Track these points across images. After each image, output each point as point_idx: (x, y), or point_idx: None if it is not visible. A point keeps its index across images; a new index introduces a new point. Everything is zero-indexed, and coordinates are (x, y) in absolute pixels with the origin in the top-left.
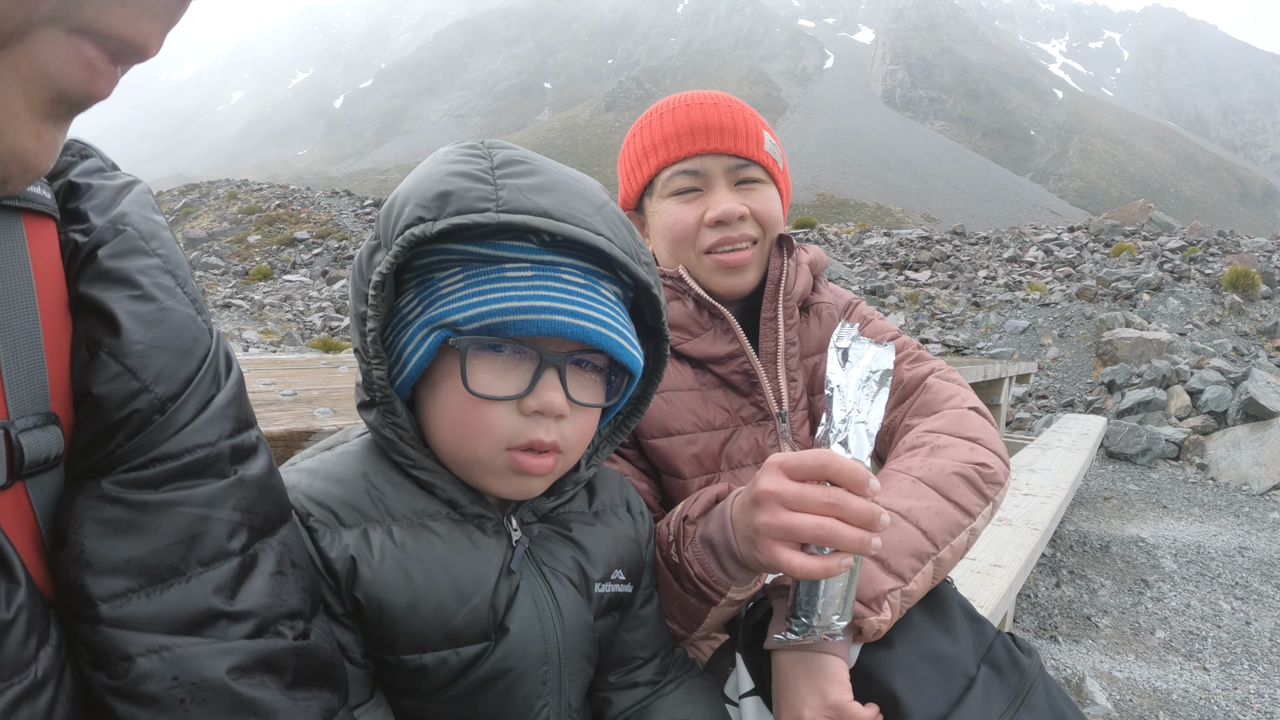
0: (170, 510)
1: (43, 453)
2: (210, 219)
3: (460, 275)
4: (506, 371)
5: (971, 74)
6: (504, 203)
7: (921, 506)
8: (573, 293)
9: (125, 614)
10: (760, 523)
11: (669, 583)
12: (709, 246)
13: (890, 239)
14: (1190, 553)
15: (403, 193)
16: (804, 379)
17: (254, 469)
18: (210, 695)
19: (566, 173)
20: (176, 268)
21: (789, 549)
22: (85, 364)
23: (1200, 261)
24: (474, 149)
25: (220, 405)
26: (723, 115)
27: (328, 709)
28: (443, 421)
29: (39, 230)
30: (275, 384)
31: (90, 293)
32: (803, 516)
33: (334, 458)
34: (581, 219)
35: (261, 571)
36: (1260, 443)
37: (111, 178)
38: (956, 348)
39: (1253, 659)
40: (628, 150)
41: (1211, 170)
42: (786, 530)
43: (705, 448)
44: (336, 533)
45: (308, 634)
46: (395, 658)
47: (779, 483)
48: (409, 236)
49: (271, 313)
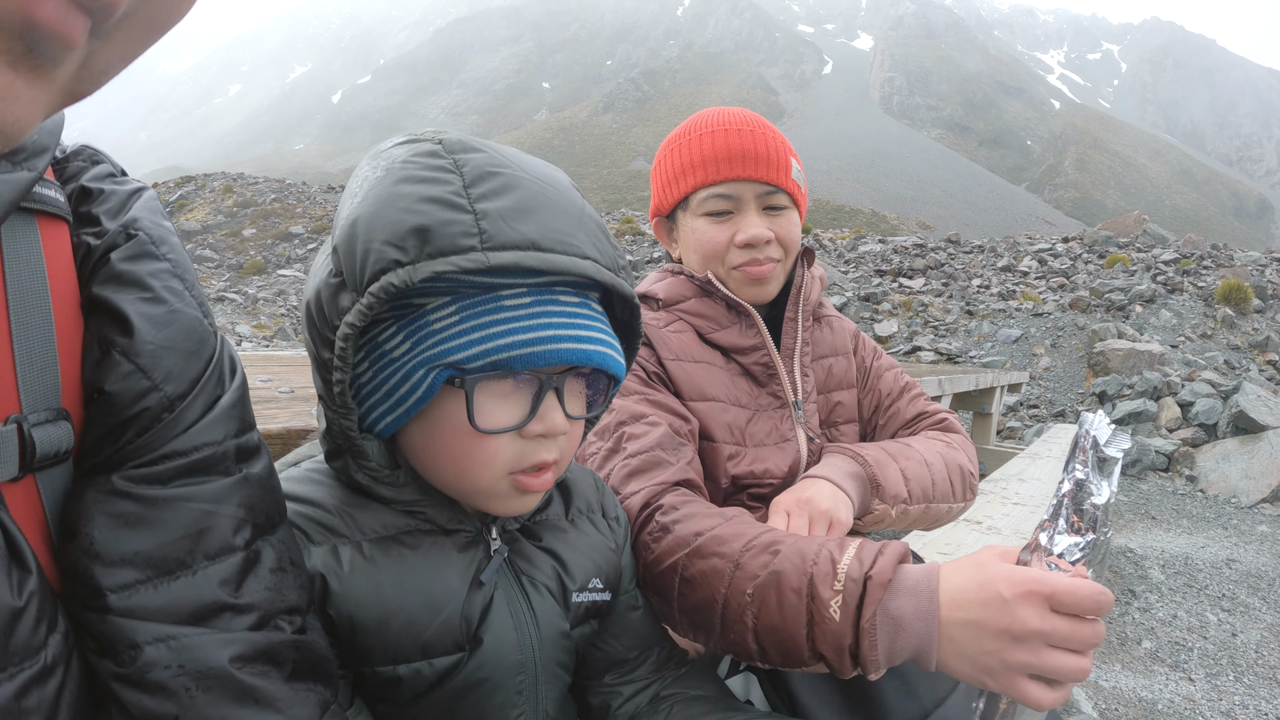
0: (178, 505)
1: (54, 447)
2: (205, 212)
3: (453, 308)
4: (507, 399)
5: (969, 83)
6: (489, 238)
7: (938, 467)
8: (571, 315)
9: (133, 604)
10: (1018, 660)
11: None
12: (737, 265)
13: (885, 246)
14: (1178, 564)
15: (364, 221)
16: (815, 377)
17: (257, 468)
18: (214, 683)
19: (539, 175)
20: (185, 272)
21: (1036, 685)
22: (97, 362)
23: (1193, 274)
24: (434, 156)
25: (226, 406)
26: (758, 144)
27: (323, 701)
28: (440, 457)
29: (52, 232)
30: (272, 381)
31: (103, 294)
32: (1068, 658)
33: (300, 475)
34: (569, 243)
35: (264, 567)
36: (1250, 456)
37: (122, 183)
38: (949, 356)
39: (1238, 670)
40: (665, 163)
41: (1207, 184)
42: (1051, 672)
43: (735, 420)
44: (306, 550)
45: (305, 629)
46: (370, 669)
47: (1047, 621)
48: (387, 287)
49: (265, 307)
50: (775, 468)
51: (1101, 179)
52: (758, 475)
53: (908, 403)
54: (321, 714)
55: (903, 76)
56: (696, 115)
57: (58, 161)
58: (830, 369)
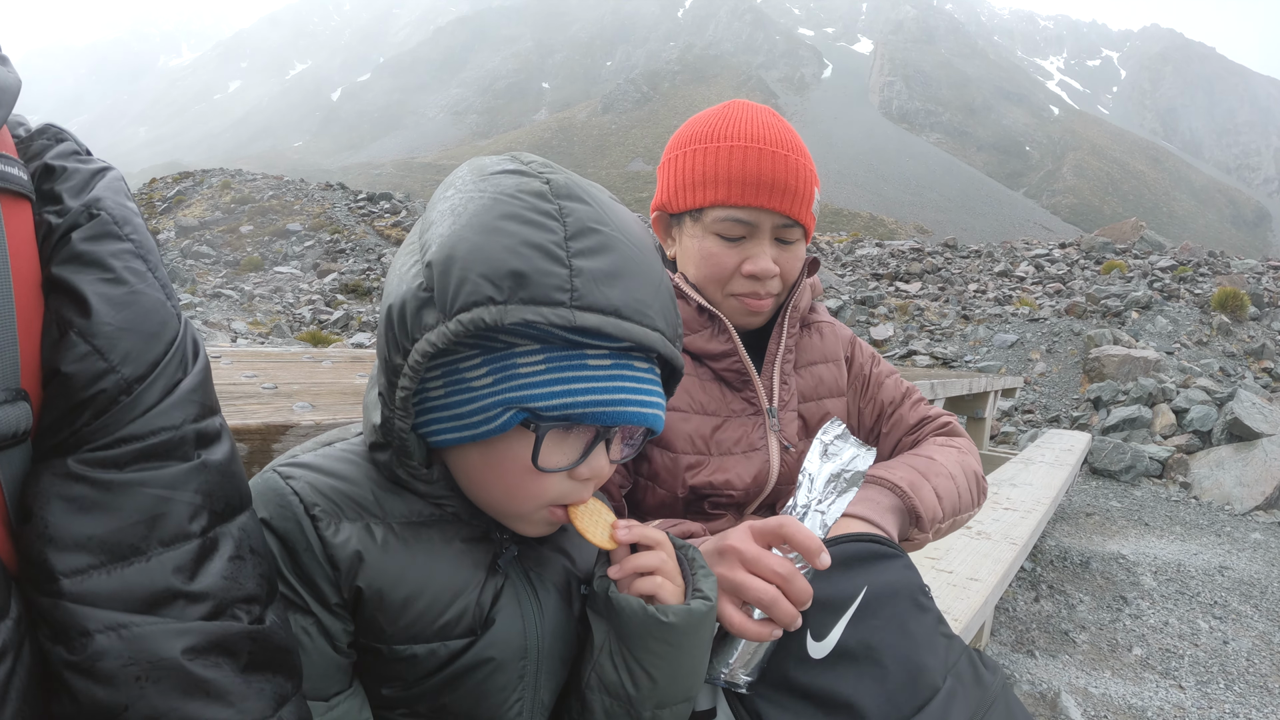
0: (134, 490)
1: (12, 427)
2: (203, 208)
3: (541, 357)
4: (562, 443)
5: (969, 88)
6: (578, 296)
7: (960, 479)
8: (641, 380)
9: (86, 589)
10: (717, 573)
11: None
12: (738, 293)
13: (882, 250)
14: (1170, 571)
15: (465, 249)
16: (796, 385)
17: (217, 455)
18: (165, 674)
19: (631, 237)
20: (148, 253)
21: (732, 605)
22: (55, 343)
23: (1190, 281)
24: (542, 199)
25: (186, 390)
26: (790, 173)
27: (280, 694)
28: (493, 482)
29: (14, 210)
30: (257, 376)
31: (62, 274)
32: (753, 579)
33: (336, 454)
34: (645, 314)
35: (220, 555)
36: (1244, 463)
37: (86, 162)
38: (944, 360)
39: (1229, 678)
40: (685, 163)
41: (1204, 191)
42: (736, 586)
43: (698, 429)
44: (340, 524)
45: (263, 619)
46: (387, 647)
47: (744, 542)
48: (478, 321)
49: (261, 304)
50: (738, 478)
51: (1099, 185)
52: (717, 486)
53: (910, 409)
54: (277, 707)
55: (902, 81)
56: (729, 111)
57: (21, 140)
58: (819, 377)
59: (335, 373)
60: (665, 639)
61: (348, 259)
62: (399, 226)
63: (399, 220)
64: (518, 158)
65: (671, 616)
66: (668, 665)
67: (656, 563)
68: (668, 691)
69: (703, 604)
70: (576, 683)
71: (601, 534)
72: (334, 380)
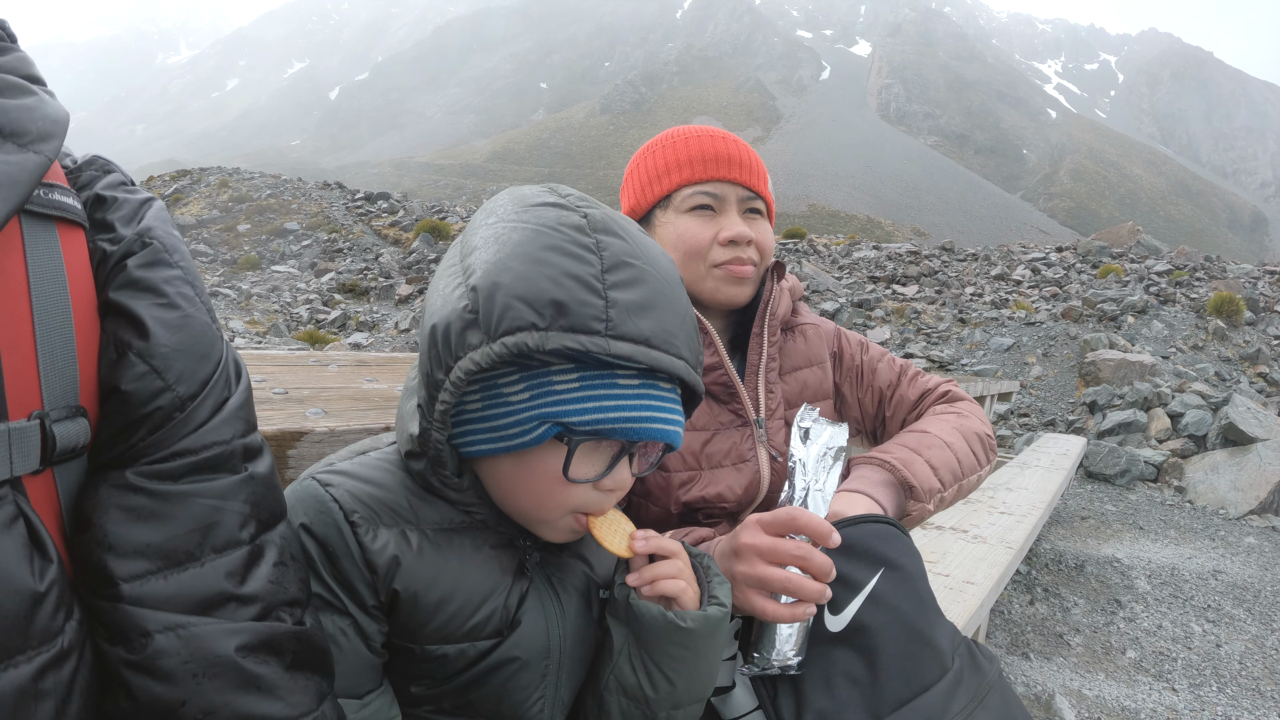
0: (188, 501)
1: (72, 442)
2: (200, 206)
3: (575, 376)
4: (590, 455)
5: (966, 91)
6: (613, 326)
7: (958, 444)
8: (665, 400)
9: (144, 593)
10: (738, 572)
11: None
12: (719, 262)
13: (879, 252)
14: (1164, 574)
15: (510, 277)
16: (782, 391)
17: (261, 467)
18: (220, 671)
19: (662, 272)
20: (195, 279)
21: (763, 597)
22: (113, 363)
23: (1186, 286)
24: (581, 232)
25: (234, 407)
26: (742, 152)
27: (321, 691)
28: (524, 490)
29: (70, 238)
30: (266, 381)
31: (120, 299)
32: (774, 570)
33: (372, 462)
34: (672, 344)
35: (266, 560)
36: (1238, 467)
37: (133, 192)
38: (941, 363)
39: (1221, 681)
40: (643, 166)
41: (1201, 195)
42: (760, 580)
43: (688, 444)
44: (377, 530)
45: (304, 621)
46: (419, 647)
47: (756, 537)
48: (520, 344)
49: (258, 303)
50: (729, 490)
51: (1096, 189)
52: (709, 500)
53: (908, 385)
54: (319, 703)
55: (900, 83)
56: (672, 129)
57: (70, 171)
58: (804, 382)
59: (343, 377)
60: (683, 643)
61: (345, 258)
62: (396, 226)
63: (396, 220)
64: (555, 189)
65: (690, 622)
66: (685, 668)
67: (674, 571)
68: (684, 693)
69: (718, 610)
70: (594, 684)
71: (620, 543)
72: (343, 385)
